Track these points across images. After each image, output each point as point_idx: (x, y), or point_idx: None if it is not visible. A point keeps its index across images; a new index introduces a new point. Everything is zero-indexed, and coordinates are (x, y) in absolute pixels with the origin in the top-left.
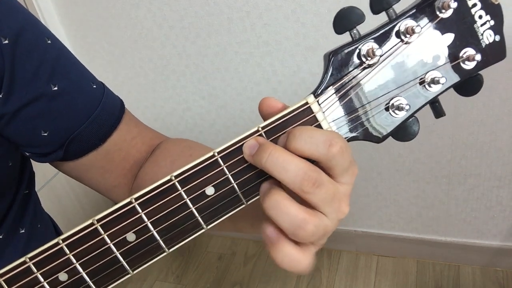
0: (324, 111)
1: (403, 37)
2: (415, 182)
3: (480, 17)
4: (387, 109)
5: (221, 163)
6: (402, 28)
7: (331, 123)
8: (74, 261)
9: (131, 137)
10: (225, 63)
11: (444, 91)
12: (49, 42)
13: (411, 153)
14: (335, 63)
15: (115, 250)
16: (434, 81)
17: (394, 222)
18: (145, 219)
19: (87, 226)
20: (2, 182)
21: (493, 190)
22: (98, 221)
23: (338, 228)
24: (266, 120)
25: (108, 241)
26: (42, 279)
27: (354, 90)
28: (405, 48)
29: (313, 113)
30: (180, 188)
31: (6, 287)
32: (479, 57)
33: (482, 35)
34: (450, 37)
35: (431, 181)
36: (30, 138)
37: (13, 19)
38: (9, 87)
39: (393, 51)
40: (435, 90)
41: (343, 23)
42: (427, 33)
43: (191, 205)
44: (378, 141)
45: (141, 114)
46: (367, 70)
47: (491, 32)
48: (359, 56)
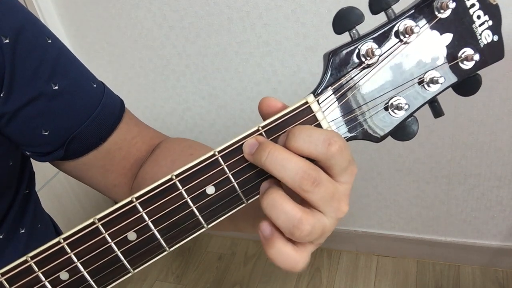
0: (323, 111)
1: (402, 37)
2: (415, 182)
3: (478, 17)
4: (386, 108)
5: (222, 162)
6: (401, 28)
7: (330, 123)
8: (75, 260)
9: (132, 136)
10: (225, 63)
11: (443, 91)
12: (50, 41)
13: (411, 153)
14: (335, 63)
15: (116, 249)
16: (433, 81)
17: (394, 222)
18: (146, 218)
19: (88, 225)
20: (2, 181)
21: (493, 190)
22: (99, 220)
23: (338, 228)
24: (266, 120)
25: (109, 240)
26: (43, 278)
27: (353, 90)
28: (404, 48)
29: (312, 112)
30: (180, 187)
31: (7, 286)
32: (477, 57)
33: (480, 35)
34: (448, 37)
35: (431, 181)
36: (30, 137)
37: (13, 18)
38: (10, 87)
39: (392, 51)
40: (434, 89)
41: (342, 23)
42: (426, 33)
43: (191, 204)
44: (377, 141)
45: (141, 114)
46: (367, 70)
47: (489, 32)
48: (358, 56)
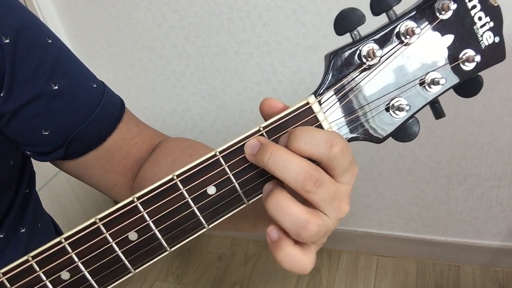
0: (325, 112)
1: (403, 38)
2: (415, 182)
3: (479, 19)
4: (387, 109)
5: (223, 163)
6: (402, 29)
7: (331, 123)
8: (76, 259)
9: (132, 136)
10: (225, 63)
11: (444, 92)
12: (50, 41)
13: (411, 153)
14: (336, 64)
15: (117, 249)
16: (434, 82)
17: (394, 222)
18: (147, 218)
19: (89, 225)
20: (3, 181)
21: (493, 190)
22: (100, 220)
23: (338, 228)
24: (267, 120)
25: (110, 240)
26: (44, 278)
27: (354, 90)
28: (405, 49)
29: (314, 113)
30: (181, 187)
31: (8, 285)
32: (478, 58)
33: (481, 36)
34: (450, 39)
35: (431, 181)
36: (30, 137)
37: (13, 18)
38: (10, 86)
39: (393, 52)
40: (435, 91)
41: (343, 24)
42: (427, 34)
43: (192, 205)
44: (378, 142)
45: (141, 114)
46: (368, 71)
47: (490, 33)
48: (359, 57)
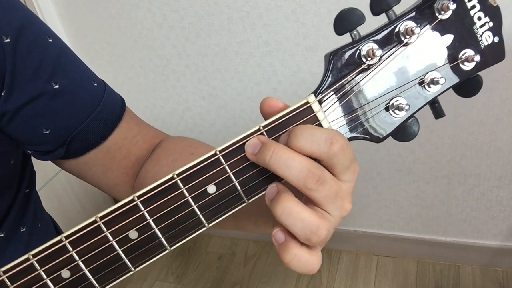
0: (324, 111)
1: (403, 38)
2: (415, 182)
3: (479, 19)
4: (387, 109)
5: (223, 162)
6: (402, 29)
7: (331, 123)
8: (77, 258)
9: (132, 135)
10: (225, 63)
11: (443, 92)
12: (50, 40)
13: (411, 153)
14: (336, 64)
15: (117, 247)
16: (433, 82)
17: (394, 222)
18: (148, 217)
19: (90, 223)
20: (3, 180)
21: (493, 190)
22: (100, 218)
23: (338, 228)
24: (267, 120)
25: (110, 238)
26: (45, 276)
27: (354, 90)
28: (404, 49)
29: (313, 112)
30: (182, 186)
31: (9, 284)
32: (478, 58)
33: (481, 36)
34: (449, 38)
35: (431, 181)
36: (31, 136)
37: (14, 18)
38: (11, 85)
39: (393, 51)
40: (435, 90)
41: (343, 24)
42: (427, 34)
43: (193, 203)
44: (378, 141)
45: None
46: (367, 70)
47: (490, 33)
48: (359, 56)
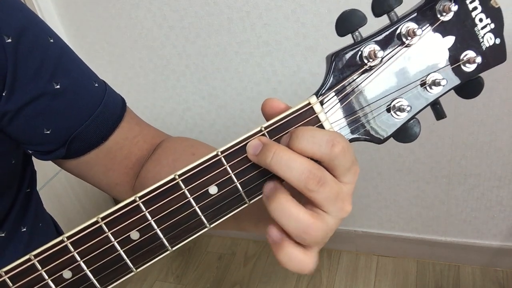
0: (326, 112)
1: (404, 40)
2: (415, 182)
3: (480, 20)
4: (388, 110)
5: (224, 163)
6: (403, 30)
7: (333, 124)
8: (78, 258)
9: (133, 135)
10: (225, 63)
11: (445, 93)
12: (52, 40)
13: (411, 153)
14: (337, 65)
15: (119, 248)
16: (435, 83)
17: (394, 222)
18: (149, 218)
19: (92, 224)
20: (4, 180)
21: (493, 190)
22: (102, 219)
23: (338, 228)
24: (268, 121)
25: (112, 239)
26: (46, 277)
27: (355, 91)
28: (406, 50)
29: (315, 113)
30: (183, 186)
31: (10, 284)
32: (479, 59)
33: (482, 38)
34: (451, 40)
35: (431, 181)
36: (32, 136)
37: (15, 18)
38: (12, 85)
39: (395, 53)
40: (436, 92)
41: (345, 25)
42: (428, 35)
43: (194, 204)
44: (379, 142)
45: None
46: (369, 72)
47: (491, 35)
48: (361, 58)
